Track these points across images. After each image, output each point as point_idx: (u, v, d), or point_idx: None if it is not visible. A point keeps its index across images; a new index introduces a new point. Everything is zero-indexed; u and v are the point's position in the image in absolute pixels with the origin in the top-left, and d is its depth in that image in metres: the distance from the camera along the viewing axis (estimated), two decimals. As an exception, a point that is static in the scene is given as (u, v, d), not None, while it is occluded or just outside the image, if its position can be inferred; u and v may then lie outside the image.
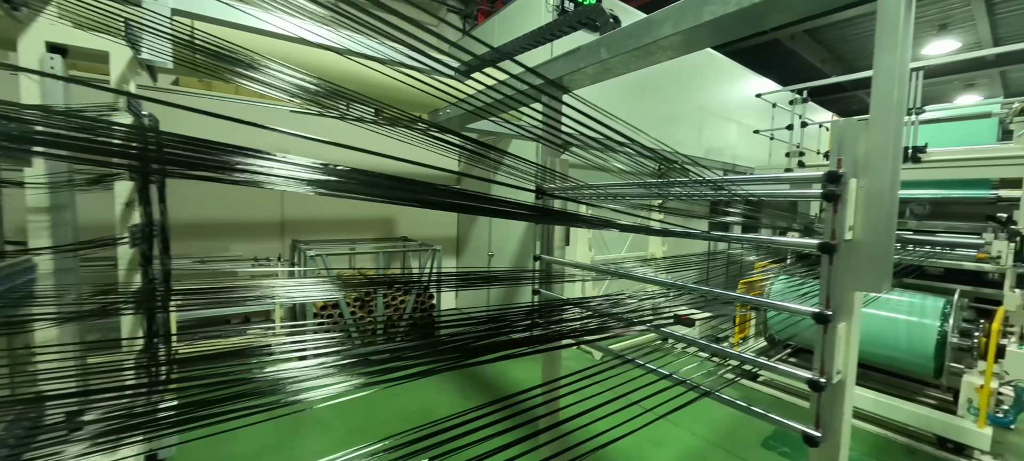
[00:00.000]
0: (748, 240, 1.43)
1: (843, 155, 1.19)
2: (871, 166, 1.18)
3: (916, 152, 4.77)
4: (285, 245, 5.43)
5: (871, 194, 1.18)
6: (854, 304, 1.23)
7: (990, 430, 3.03)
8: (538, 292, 2.36)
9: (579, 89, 4.86)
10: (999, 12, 8.70)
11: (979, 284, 4.35)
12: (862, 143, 1.20)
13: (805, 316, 1.25)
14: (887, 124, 1.14)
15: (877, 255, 1.17)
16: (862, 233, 1.20)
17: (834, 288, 1.21)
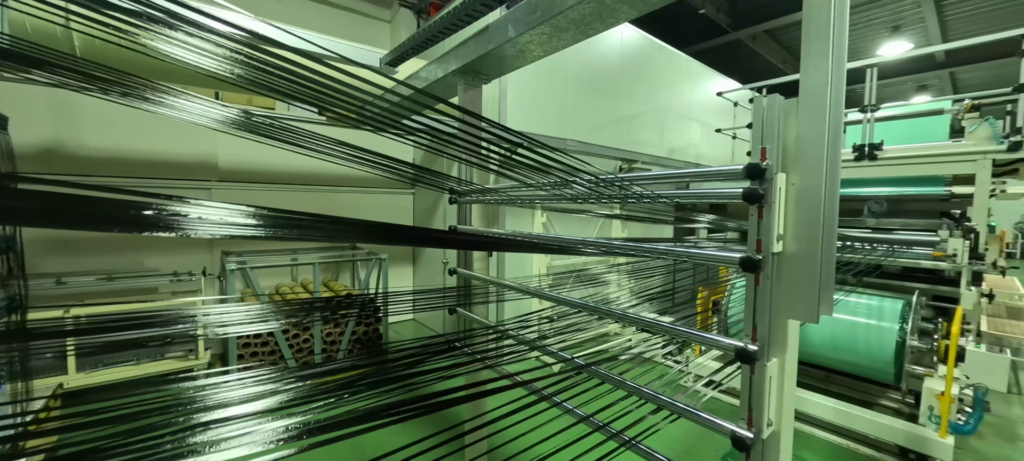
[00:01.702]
0: (656, 252, 1.14)
1: (768, 143, 0.92)
2: (805, 157, 0.91)
3: (872, 149, 4.71)
4: (215, 257, 4.94)
5: (805, 193, 0.91)
6: (789, 336, 0.95)
7: (952, 439, 2.88)
8: (455, 312, 2.03)
9: (510, 79, 4.54)
10: (948, 14, 8.95)
11: (938, 283, 4.28)
12: (792, 127, 0.93)
13: (729, 349, 0.96)
14: (821, 98, 0.87)
15: (815, 272, 0.90)
16: (796, 243, 0.93)
17: (761, 315, 0.93)
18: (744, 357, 0.93)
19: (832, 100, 0.89)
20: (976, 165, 4.14)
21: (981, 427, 3.63)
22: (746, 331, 0.95)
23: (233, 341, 3.99)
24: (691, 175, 1.08)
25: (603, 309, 1.30)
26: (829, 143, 0.89)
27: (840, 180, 0.93)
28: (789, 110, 0.93)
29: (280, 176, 5.31)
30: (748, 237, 0.94)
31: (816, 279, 0.89)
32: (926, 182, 4.91)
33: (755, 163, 0.90)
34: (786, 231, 0.93)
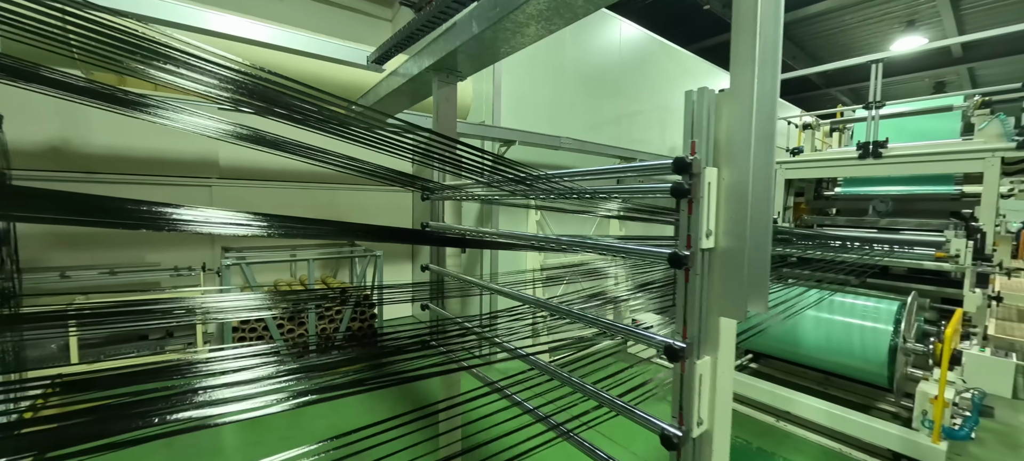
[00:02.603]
0: (589, 246, 1.13)
1: (698, 137, 0.90)
2: (735, 150, 0.89)
3: (877, 147, 4.59)
4: (215, 253, 5.04)
5: (735, 188, 0.89)
6: (721, 334, 0.94)
7: (945, 445, 2.80)
8: (428, 307, 2.04)
9: (504, 77, 4.53)
10: (964, 7, 8.67)
11: (945, 284, 4.16)
12: (724, 119, 0.91)
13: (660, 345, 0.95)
14: (747, 85, 0.85)
15: (743, 269, 0.89)
16: (726, 240, 0.91)
17: (691, 313, 0.92)
18: (671, 354, 0.91)
19: (760, 94, 0.87)
20: (984, 163, 4.01)
21: (983, 433, 3.53)
22: (677, 328, 0.94)
23: (228, 335, 4.07)
24: (619, 170, 1.06)
25: (552, 305, 1.29)
26: (757, 138, 0.88)
27: (773, 176, 0.91)
28: (721, 103, 0.91)
29: (280, 174, 5.39)
30: (678, 232, 0.93)
31: (746, 276, 0.87)
32: (936, 181, 4.78)
33: (682, 157, 0.88)
34: (717, 227, 0.91)
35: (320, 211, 5.80)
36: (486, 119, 4.68)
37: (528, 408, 1.35)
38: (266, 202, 5.31)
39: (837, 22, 9.71)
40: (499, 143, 4.55)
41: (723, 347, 0.95)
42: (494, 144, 4.63)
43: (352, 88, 3.92)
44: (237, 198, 5.06)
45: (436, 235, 1.68)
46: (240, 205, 5.07)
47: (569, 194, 1.18)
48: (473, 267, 5.04)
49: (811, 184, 5.62)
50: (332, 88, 4.09)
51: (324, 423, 3.45)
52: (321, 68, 3.90)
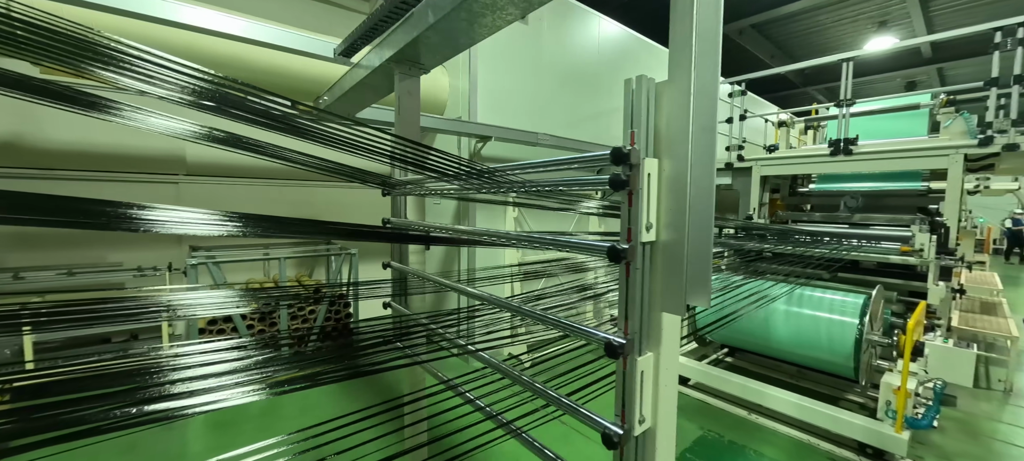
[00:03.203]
0: (537, 241, 1.10)
1: (637, 127, 0.87)
2: (675, 141, 0.87)
3: (847, 144, 4.68)
4: (183, 252, 4.87)
5: (675, 180, 0.87)
6: (663, 329, 0.92)
7: (907, 434, 2.87)
8: (390, 305, 1.99)
9: (480, 72, 4.47)
10: (933, 8, 8.92)
11: (911, 278, 4.27)
12: (664, 109, 0.89)
13: (600, 343, 0.92)
14: (685, 74, 0.83)
15: (683, 263, 0.86)
16: (668, 233, 0.89)
17: (633, 308, 0.89)
18: (611, 351, 0.89)
19: (700, 83, 0.84)
20: (949, 160, 4.12)
21: (945, 422, 3.63)
22: (618, 323, 0.91)
23: (196, 336, 3.94)
24: (559, 163, 1.03)
25: (501, 301, 1.26)
26: (697, 129, 0.85)
27: (714, 167, 0.89)
28: (660, 93, 0.89)
29: (252, 171, 5.24)
30: (620, 225, 0.90)
31: (686, 270, 0.85)
32: (904, 178, 4.90)
33: (620, 147, 0.85)
34: (658, 219, 0.89)
35: (295, 209, 5.66)
36: (462, 115, 4.62)
37: (479, 406, 1.32)
38: (238, 200, 5.16)
39: (813, 22, 9.90)
40: (475, 139, 4.50)
41: (666, 342, 0.93)
42: (470, 140, 4.58)
43: (322, 82, 3.82)
44: (206, 195, 4.90)
45: (390, 232, 1.63)
46: (209, 203, 4.91)
47: (510, 187, 1.15)
48: (451, 263, 4.99)
49: (786, 180, 5.72)
50: (301, 82, 3.98)
51: (293, 425, 3.36)
52: (290, 61, 3.80)
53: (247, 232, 1.30)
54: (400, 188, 1.89)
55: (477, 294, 1.35)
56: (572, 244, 0.99)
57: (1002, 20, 3.82)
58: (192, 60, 1.27)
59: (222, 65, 3.49)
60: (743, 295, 3.24)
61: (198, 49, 3.40)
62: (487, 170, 1.20)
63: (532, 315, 1.11)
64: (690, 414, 3.64)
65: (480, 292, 1.34)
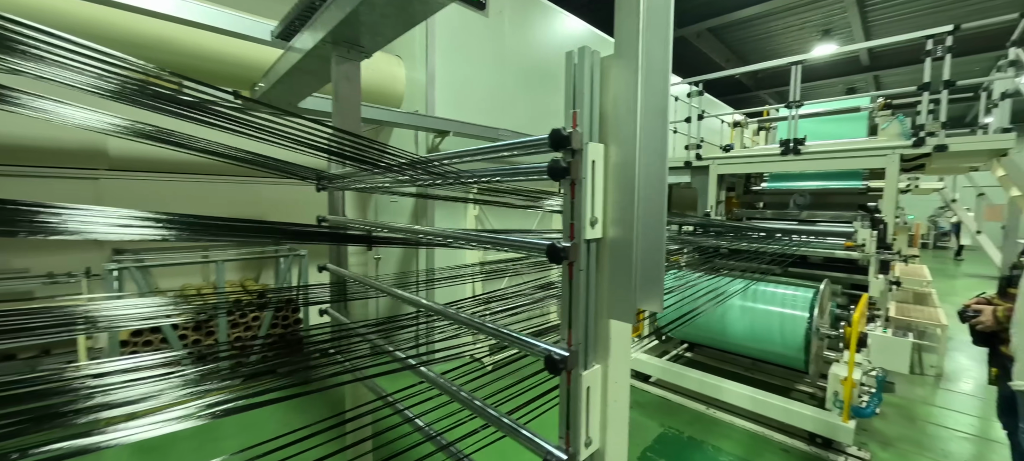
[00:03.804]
0: (476, 239, 0.98)
1: (579, 107, 0.76)
2: (622, 124, 0.76)
3: (796, 144, 4.86)
4: (105, 256, 4.38)
5: (625, 168, 0.76)
6: (612, 338, 0.81)
7: (853, 423, 2.97)
8: (326, 312, 1.80)
9: (439, 65, 4.29)
10: (870, 19, 9.55)
11: (855, 272, 4.48)
12: (610, 88, 0.78)
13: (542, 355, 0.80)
14: (633, 48, 0.72)
15: (632, 263, 0.76)
16: (615, 229, 0.78)
17: (577, 315, 0.78)
18: (552, 366, 0.77)
19: (650, 60, 0.74)
20: (886, 160, 4.34)
21: (885, 408, 3.83)
22: (561, 333, 0.80)
23: (116, 346, 3.53)
24: (495, 148, 0.91)
25: (436, 308, 1.12)
26: (647, 111, 0.75)
27: (667, 155, 0.78)
28: (606, 69, 0.77)
29: (184, 166, 4.79)
30: (562, 220, 0.78)
31: (636, 271, 0.74)
32: (846, 177, 5.15)
33: (559, 130, 0.74)
34: (605, 213, 0.78)
35: (237, 208, 5.25)
36: (420, 108, 4.42)
37: (419, 426, 1.17)
38: (171, 198, 4.70)
39: (764, 28, 10.36)
40: (434, 134, 4.31)
41: (616, 353, 0.82)
42: (428, 135, 4.39)
43: (262, 68, 3.52)
44: (131, 193, 4.43)
45: (318, 231, 1.45)
46: (135, 201, 4.45)
47: (445, 179, 1.01)
48: (409, 263, 4.78)
49: (741, 179, 5.89)
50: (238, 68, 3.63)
51: (231, 445, 3.07)
52: (225, 45, 3.47)
53: (168, 236, 1.12)
54: (337, 182, 1.71)
55: (411, 299, 1.21)
56: (509, 243, 0.87)
57: (933, 29, 4.06)
58: (116, 42, 1.08)
59: (149, 47, 3.12)
60: (702, 291, 3.27)
61: (122, 29, 3.03)
62: (420, 160, 1.06)
63: (469, 323, 0.98)
64: (651, 412, 3.64)
65: (412, 297, 1.20)
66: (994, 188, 5.77)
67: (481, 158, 0.95)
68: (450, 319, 1.07)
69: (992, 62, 9.55)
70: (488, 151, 0.93)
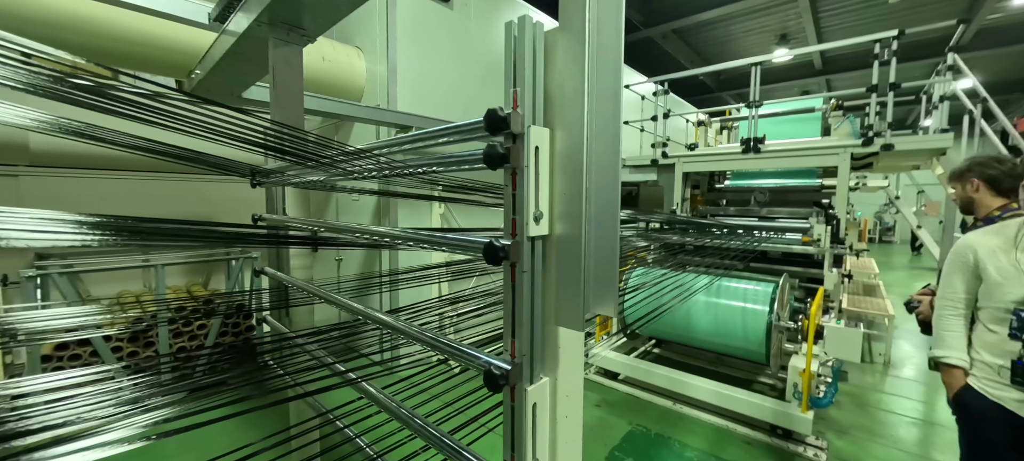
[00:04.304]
0: (413, 239, 0.87)
1: (521, 85, 0.66)
2: (569, 106, 0.67)
3: (756, 143, 4.99)
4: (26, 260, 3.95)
5: (573, 156, 0.67)
6: (561, 348, 0.72)
7: (812, 413, 3.05)
8: (265, 320, 1.64)
9: (400, 58, 4.12)
10: (823, 26, 10.03)
11: (811, 266, 4.64)
12: (557, 65, 0.69)
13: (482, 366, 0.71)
14: (579, 20, 0.63)
15: (581, 263, 0.67)
16: (563, 225, 0.69)
17: (521, 322, 0.69)
18: (492, 382, 0.67)
19: (601, 36, 0.65)
20: (838, 158, 4.51)
21: (839, 397, 3.99)
22: (504, 344, 0.70)
23: (36, 362, 3.18)
24: (427, 135, 0.81)
25: (371, 314, 1.00)
26: (598, 93, 0.66)
27: (620, 143, 0.70)
28: (551, 44, 0.68)
29: (118, 161, 4.39)
30: (504, 215, 0.69)
31: (580, 272, 0.65)
32: (803, 174, 5.34)
33: (495, 110, 0.64)
34: (551, 208, 0.69)
35: (185, 207, 4.88)
36: (381, 102, 4.24)
37: (361, 446, 1.05)
38: (105, 197, 4.31)
39: (726, 31, 10.69)
40: (396, 129, 4.14)
41: (567, 364, 0.73)
42: (391, 130, 4.21)
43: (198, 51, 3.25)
44: (57, 192, 4.02)
45: (242, 233, 1.30)
46: (61, 201, 4.03)
47: (379, 172, 0.90)
48: (372, 264, 4.58)
49: (705, 177, 6.01)
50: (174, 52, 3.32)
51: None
52: (162, 29, 3.18)
53: (85, 240, 0.96)
54: (274, 177, 1.55)
55: (346, 305, 1.08)
56: (445, 241, 0.77)
57: (880, 34, 4.25)
58: (41, 23, 0.91)
59: (79, 31, 2.79)
60: (668, 288, 3.28)
61: (50, 10, 2.70)
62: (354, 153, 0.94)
63: (405, 332, 0.87)
64: (620, 410, 3.63)
65: (347, 302, 1.07)
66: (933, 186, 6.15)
67: (410, 146, 0.84)
68: (387, 327, 0.96)
69: (932, 68, 10.24)
70: (417, 139, 0.82)
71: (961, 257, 1.66)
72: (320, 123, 5.00)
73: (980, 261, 1.59)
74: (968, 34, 9.94)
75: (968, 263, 1.63)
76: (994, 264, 1.55)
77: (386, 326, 0.96)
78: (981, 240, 1.62)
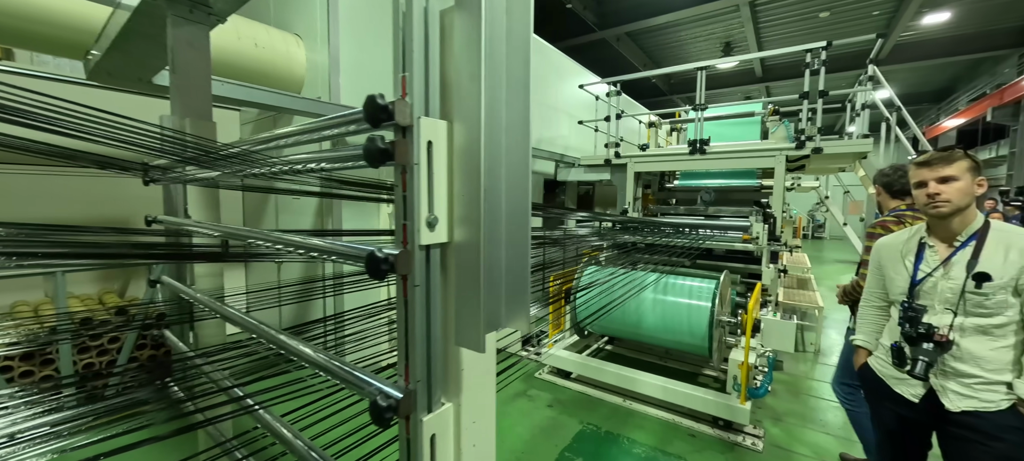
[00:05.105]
0: (287, 243, 0.76)
1: (410, 70, 0.57)
2: (468, 94, 0.59)
3: (702, 144, 5.18)
4: None
5: (474, 153, 0.59)
6: (464, 369, 0.64)
7: (750, 404, 3.19)
8: (163, 338, 1.44)
9: (343, 47, 3.88)
10: (763, 35, 10.66)
11: (750, 262, 4.87)
12: (454, 50, 0.60)
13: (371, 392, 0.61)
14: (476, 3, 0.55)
15: (482, 275, 0.59)
16: (464, 232, 0.61)
17: (414, 343, 0.60)
18: (377, 416, 0.58)
19: (509, 19, 0.57)
20: (775, 160, 4.77)
21: (776, 386, 4.22)
22: (399, 369, 0.61)
23: None
24: (306, 129, 0.71)
25: (263, 331, 0.88)
26: (500, 79, 0.58)
27: (530, 139, 0.63)
28: (449, 24, 0.60)
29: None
30: (395, 220, 0.60)
31: (479, 286, 0.57)
32: (744, 175, 5.62)
33: (375, 96, 0.55)
34: (450, 212, 0.61)
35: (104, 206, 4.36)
36: (322, 95, 3.98)
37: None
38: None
39: (675, 36, 11.11)
40: (339, 124, 3.91)
41: (473, 387, 0.65)
42: (333, 125, 3.97)
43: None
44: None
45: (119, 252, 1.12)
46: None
47: (270, 169, 0.78)
48: (317, 268, 4.31)
49: (656, 177, 6.18)
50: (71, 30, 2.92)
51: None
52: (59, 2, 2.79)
53: None
54: (171, 174, 1.36)
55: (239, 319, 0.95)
56: (323, 249, 0.66)
57: (811, 44, 4.53)
58: None
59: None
60: (620, 285, 3.31)
61: None
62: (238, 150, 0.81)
63: (297, 353, 0.76)
64: (572, 409, 3.63)
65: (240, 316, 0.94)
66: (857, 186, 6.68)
67: (290, 141, 0.73)
68: (278, 346, 0.83)
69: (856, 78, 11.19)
70: (292, 134, 0.71)
71: (874, 256, 1.89)
72: (256, 115, 4.64)
73: (882, 260, 1.81)
74: (886, 48, 10.94)
75: (878, 261, 1.85)
76: (891, 263, 1.76)
77: (275, 344, 0.83)
78: (887, 242, 1.83)
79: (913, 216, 2.40)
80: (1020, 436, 1.44)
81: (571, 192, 8.94)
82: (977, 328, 1.49)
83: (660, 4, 9.31)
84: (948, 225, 1.58)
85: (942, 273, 1.57)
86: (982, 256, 1.49)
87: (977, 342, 1.49)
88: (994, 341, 1.48)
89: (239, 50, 3.66)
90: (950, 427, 1.56)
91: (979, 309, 1.49)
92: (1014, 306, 1.45)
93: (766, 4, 9.33)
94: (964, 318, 1.52)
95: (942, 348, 1.52)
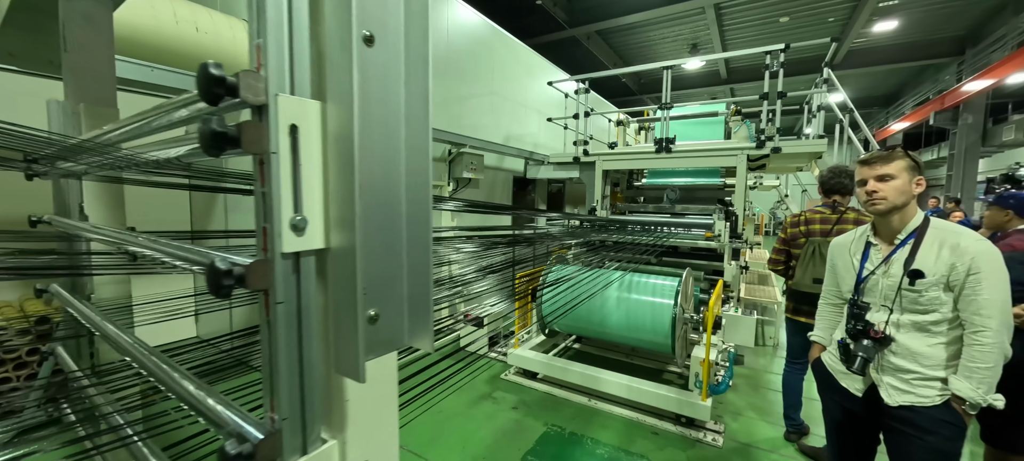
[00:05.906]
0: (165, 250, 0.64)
1: (265, 37, 0.46)
2: (345, 66, 0.48)
3: (668, 143, 5.22)
4: None
5: (356, 143, 0.48)
6: (353, 400, 0.53)
7: (710, 400, 3.21)
8: (53, 352, 1.26)
9: (241, 15, 3.62)
10: (727, 38, 10.95)
11: (713, 259, 4.95)
12: (327, 17, 0.49)
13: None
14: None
15: (359, 288, 0.49)
16: (343, 236, 0.50)
17: (281, 372, 0.49)
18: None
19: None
20: (737, 159, 4.86)
21: (736, 380, 4.31)
22: (267, 406, 0.50)
23: None
24: (144, 115, 0.60)
25: (137, 353, 0.75)
26: (391, 51, 0.48)
27: (430, 130, 0.53)
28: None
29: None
30: (255, 223, 0.48)
31: (354, 302, 0.47)
32: (708, 174, 5.72)
33: (210, 66, 0.43)
34: (326, 213, 0.50)
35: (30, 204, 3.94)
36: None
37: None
38: None
39: (645, 36, 11.26)
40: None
41: (364, 422, 0.55)
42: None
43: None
44: None
45: None
46: None
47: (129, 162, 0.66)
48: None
49: (624, 175, 6.21)
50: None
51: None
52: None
53: None
54: (63, 166, 1.18)
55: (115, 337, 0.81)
56: (174, 255, 0.55)
57: (770, 45, 4.64)
58: None
59: None
60: (586, 282, 3.26)
61: None
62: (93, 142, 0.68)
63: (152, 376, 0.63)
64: (537, 411, 3.57)
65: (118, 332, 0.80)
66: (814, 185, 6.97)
67: (131, 131, 0.60)
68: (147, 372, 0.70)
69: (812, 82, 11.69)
70: (133, 121, 0.59)
71: (829, 256, 1.91)
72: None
73: (834, 258, 1.85)
74: (840, 53, 11.46)
75: (831, 260, 1.89)
76: (841, 262, 1.79)
77: (145, 369, 0.70)
78: (839, 241, 1.86)
79: (821, 212, 2.74)
80: (953, 430, 1.46)
81: (541, 190, 8.91)
82: (914, 325, 1.51)
83: (630, 3, 9.40)
84: (889, 223, 1.60)
85: (883, 270, 1.59)
86: (918, 254, 1.51)
87: (914, 338, 1.51)
88: (930, 338, 1.50)
89: (178, 35, 3.39)
90: (889, 421, 1.59)
91: (914, 306, 1.51)
92: (947, 303, 1.47)
93: (730, 7, 9.59)
94: (900, 314, 1.54)
95: (881, 344, 1.54)
